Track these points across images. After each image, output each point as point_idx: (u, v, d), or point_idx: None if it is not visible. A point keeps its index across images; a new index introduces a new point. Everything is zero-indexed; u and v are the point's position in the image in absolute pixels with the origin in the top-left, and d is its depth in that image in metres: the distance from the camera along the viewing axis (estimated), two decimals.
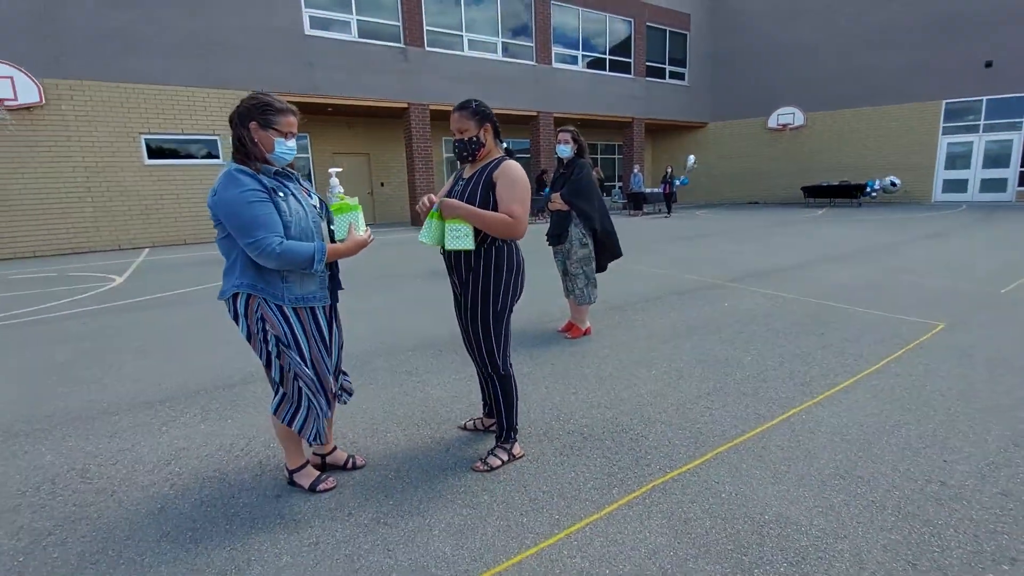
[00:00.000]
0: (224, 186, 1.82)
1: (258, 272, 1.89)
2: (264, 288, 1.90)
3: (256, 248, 1.80)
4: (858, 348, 3.78)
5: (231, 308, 1.95)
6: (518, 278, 2.22)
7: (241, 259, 1.89)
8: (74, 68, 10.46)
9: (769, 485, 2.12)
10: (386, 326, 4.71)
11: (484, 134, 2.16)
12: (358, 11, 13.37)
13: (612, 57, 18.72)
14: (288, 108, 1.92)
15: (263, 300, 1.91)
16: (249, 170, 1.86)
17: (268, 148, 1.90)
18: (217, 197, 1.83)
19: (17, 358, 4.10)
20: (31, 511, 2.13)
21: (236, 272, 1.91)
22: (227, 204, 1.80)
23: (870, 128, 18.53)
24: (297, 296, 1.96)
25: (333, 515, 2.01)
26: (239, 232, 1.81)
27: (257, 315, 1.92)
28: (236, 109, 1.89)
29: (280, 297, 1.92)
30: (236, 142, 1.89)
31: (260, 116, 1.86)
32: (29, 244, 10.52)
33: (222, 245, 1.94)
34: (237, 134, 1.88)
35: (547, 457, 2.39)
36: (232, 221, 1.81)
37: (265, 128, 1.87)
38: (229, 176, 1.83)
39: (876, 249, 8.32)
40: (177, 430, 2.80)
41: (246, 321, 1.93)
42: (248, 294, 1.90)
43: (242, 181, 1.82)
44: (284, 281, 1.93)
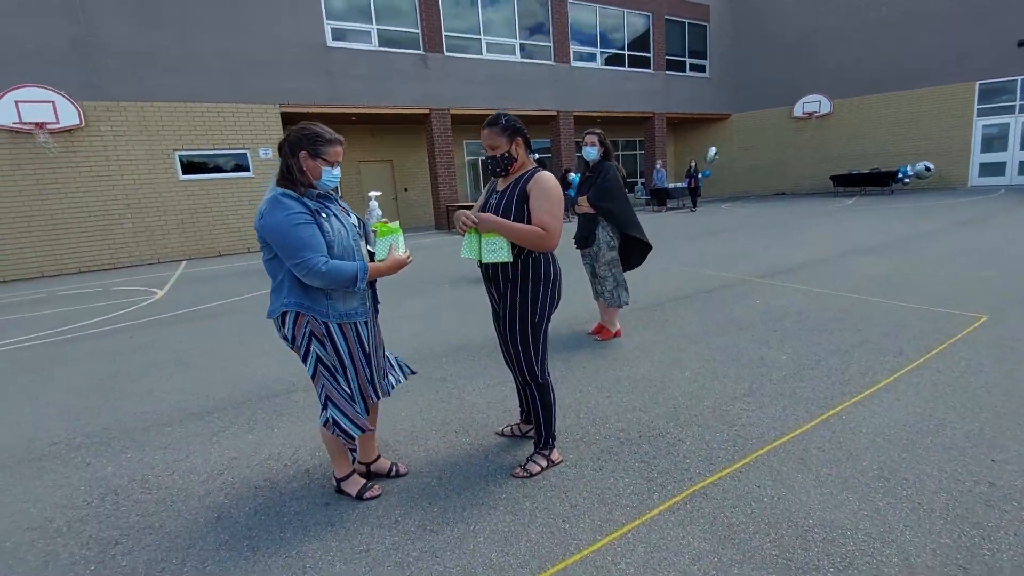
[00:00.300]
0: (270, 210, 1.91)
1: (304, 291, 1.99)
2: (310, 306, 1.99)
3: (302, 268, 1.88)
4: (897, 343, 3.70)
5: (280, 326, 2.04)
6: (555, 287, 2.25)
7: (288, 279, 1.98)
8: (111, 90, 10.90)
9: (812, 488, 2.11)
10: (417, 332, 4.80)
11: (516, 148, 2.19)
12: (378, 20, 13.58)
13: (631, 52, 18.57)
14: (336, 139, 2.02)
15: (312, 318, 1.99)
16: (294, 194, 1.95)
17: (316, 176, 1.99)
18: (264, 221, 1.91)
19: (72, 372, 4.32)
20: (97, 521, 2.26)
21: (284, 291, 2.00)
22: (274, 227, 1.89)
23: (900, 113, 17.96)
24: (341, 312, 2.04)
25: (381, 522, 2.09)
26: (286, 253, 1.90)
27: (306, 333, 2.01)
28: (287, 138, 1.98)
29: (325, 314, 2.01)
30: (284, 169, 1.97)
31: (311, 146, 1.96)
32: (74, 260, 11.00)
33: (269, 266, 2.03)
34: (287, 162, 1.97)
35: (585, 462, 2.42)
36: (279, 243, 1.90)
37: (315, 158, 1.97)
38: (275, 201, 1.92)
39: (911, 238, 8.08)
40: (227, 440, 2.93)
41: (294, 338, 2.03)
42: (297, 313, 1.99)
43: (287, 205, 1.90)
44: (328, 299, 2.02)
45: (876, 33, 17.88)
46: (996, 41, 15.85)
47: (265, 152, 12.53)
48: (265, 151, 12.53)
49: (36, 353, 4.96)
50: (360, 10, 13.37)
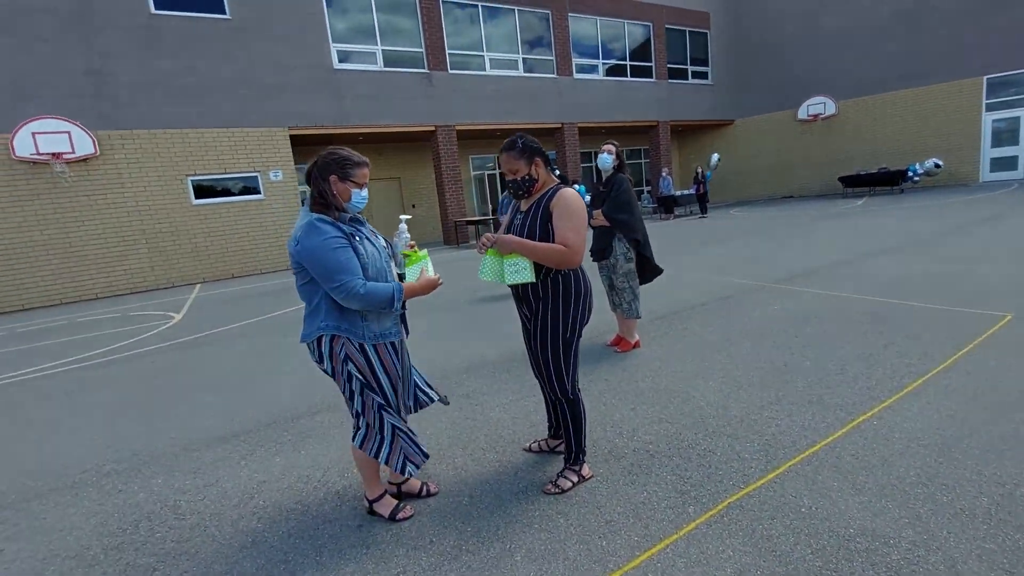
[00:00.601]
0: (307, 235, 1.93)
1: (341, 314, 2.02)
2: (348, 328, 2.02)
3: (342, 291, 1.91)
4: (922, 346, 3.66)
5: (315, 350, 2.07)
6: (585, 303, 2.25)
7: (325, 302, 2.01)
8: (124, 119, 11.14)
9: (850, 497, 2.09)
10: (435, 349, 4.81)
11: (535, 169, 2.21)
12: (382, 41, 13.80)
13: (632, 63, 18.71)
14: (364, 161, 2.06)
15: (347, 340, 2.02)
16: (329, 218, 1.98)
17: (346, 198, 2.04)
18: (300, 246, 1.94)
19: (97, 398, 4.37)
20: (134, 548, 2.27)
21: (320, 315, 2.02)
22: (311, 251, 1.92)
23: (906, 111, 17.89)
24: (376, 333, 2.08)
25: (416, 543, 2.08)
26: (324, 277, 1.92)
27: (342, 355, 2.04)
28: (315, 164, 2.03)
29: (361, 336, 2.04)
30: (317, 194, 2.01)
31: (340, 170, 2.00)
32: (92, 287, 11.17)
33: (304, 291, 2.06)
34: (319, 187, 2.01)
35: (616, 477, 2.40)
36: (317, 267, 1.92)
37: (344, 180, 2.01)
38: (311, 226, 1.94)
39: (926, 237, 8.01)
40: (255, 463, 2.94)
41: (331, 361, 2.05)
42: (332, 335, 2.01)
43: (324, 230, 1.93)
44: (364, 320, 2.05)
45: (879, 31, 17.89)
46: (1004, 33, 15.79)
47: (275, 175, 12.71)
48: (275, 173, 12.70)
49: (60, 381, 5.02)
50: (365, 31, 13.61)
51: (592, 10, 17.40)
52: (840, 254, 7.41)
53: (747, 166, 22.01)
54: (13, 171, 10.31)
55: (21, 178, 10.39)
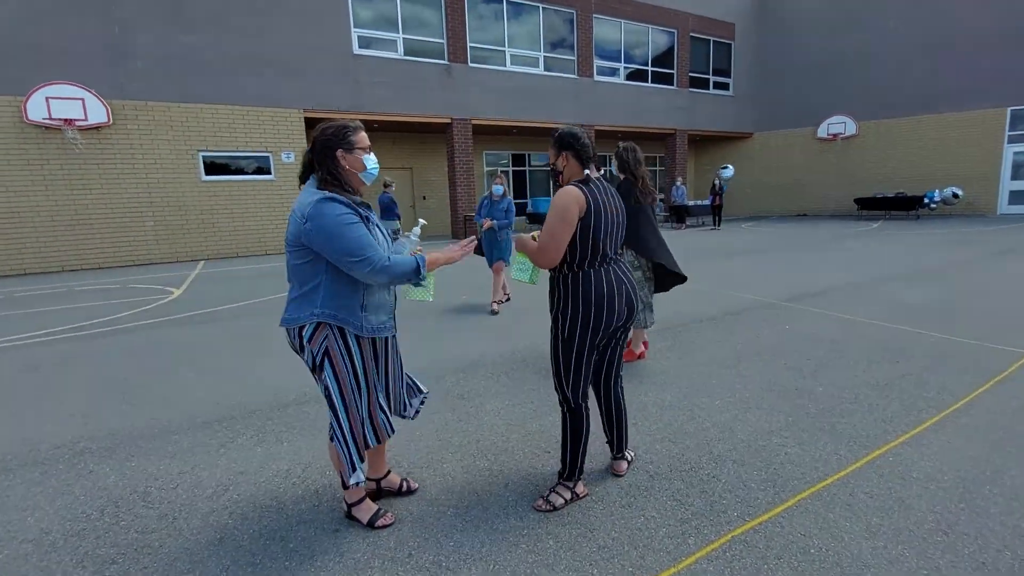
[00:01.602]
0: (319, 212, 1.78)
1: (340, 301, 1.87)
2: (345, 318, 1.88)
3: (367, 265, 1.79)
4: (940, 379, 3.49)
5: (295, 336, 1.92)
6: (594, 311, 2.08)
7: (326, 287, 1.86)
8: (139, 90, 11.06)
9: (863, 540, 1.93)
10: (436, 346, 4.67)
11: (562, 162, 2.17)
12: (404, 30, 13.67)
13: (654, 68, 18.50)
14: (358, 125, 1.95)
15: (330, 333, 1.88)
16: (341, 196, 1.85)
17: (359, 168, 1.92)
18: (312, 224, 1.78)
19: (84, 371, 4.26)
20: (95, 536, 2.14)
21: (317, 300, 1.86)
22: (327, 229, 1.77)
23: (928, 137, 17.60)
24: (373, 326, 1.95)
25: (393, 555, 1.94)
26: (344, 253, 1.78)
27: (323, 347, 1.89)
28: (314, 147, 1.89)
29: (359, 327, 1.91)
30: (327, 175, 1.88)
31: (342, 141, 1.88)
32: (96, 256, 11.11)
33: (299, 271, 1.89)
34: (327, 167, 1.88)
35: (612, 498, 2.25)
36: (334, 244, 1.78)
37: (351, 151, 1.89)
38: (324, 202, 1.79)
39: (943, 267, 7.80)
40: (234, 452, 2.81)
41: (311, 349, 1.91)
42: (318, 323, 1.87)
43: (337, 207, 1.81)
44: (363, 311, 1.92)
45: (906, 54, 17.60)
46: None
47: (287, 156, 12.61)
48: (287, 155, 12.60)
49: (50, 350, 4.92)
50: (387, 19, 13.48)
51: (618, 13, 17.20)
52: (854, 277, 7.22)
53: (762, 181, 21.75)
54: (25, 134, 10.25)
55: (32, 142, 10.33)
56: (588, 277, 2.09)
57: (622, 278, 2.16)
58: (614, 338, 2.26)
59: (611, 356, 2.31)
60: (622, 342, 2.31)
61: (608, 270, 2.13)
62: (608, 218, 2.10)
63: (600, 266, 2.11)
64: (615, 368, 2.34)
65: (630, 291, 2.17)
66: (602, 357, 2.31)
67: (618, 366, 2.35)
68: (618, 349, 2.31)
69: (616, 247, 2.18)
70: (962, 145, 16.98)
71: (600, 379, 2.35)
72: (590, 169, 2.18)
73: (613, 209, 2.14)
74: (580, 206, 2.04)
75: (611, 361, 2.32)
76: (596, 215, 2.06)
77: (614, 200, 2.18)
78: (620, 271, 2.18)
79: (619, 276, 2.15)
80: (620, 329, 2.21)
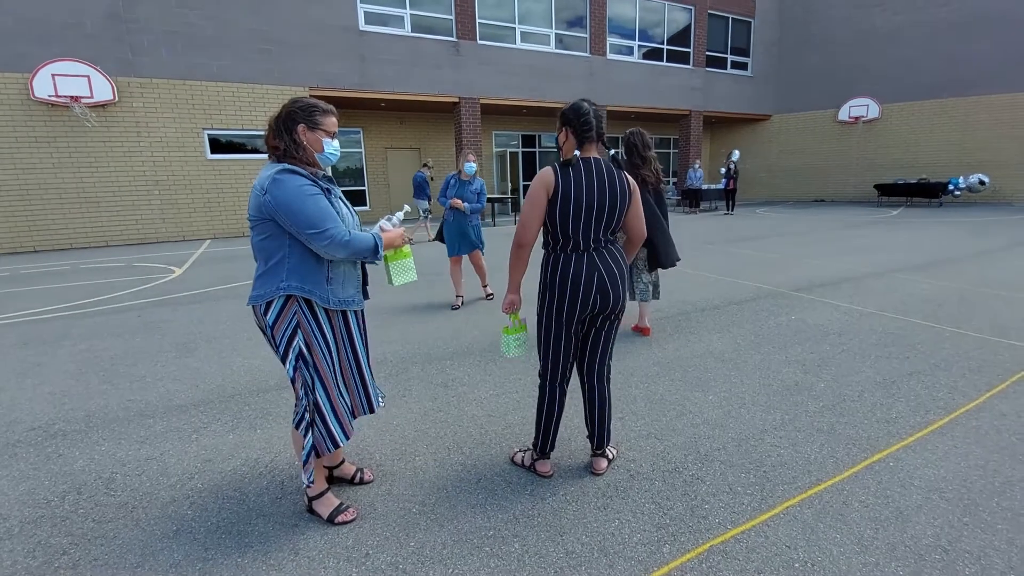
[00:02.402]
0: (278, 183, 1.73)
1: (305, 274, 1.82)
2: (311, 290, 1.83)
3: (327, 238, 1.74)
4: (951, 377, 3.30)
5: (263, 313, 1.84)
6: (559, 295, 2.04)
7: (290, 260, 1.81)
8: (145, 67, 10.96)
9: (854, 555, 1.78)
10: (422, 330, 4.56)
11: (562, 137, 2.07)
12: (411, 5, 13.35)
13: (670, 47, 17.92)
14: (330, 109, 1.89)
15: (299, 307, 1.82)
16: (301, 168, 1.80)
17: (317, 148, 1.86)
18: (270, 196, 1.74)
19: (74, 350, 4.23)
20: (51, 524, 2.08)
21: (281, 274, 1.81)
22: (286, 201, 1.72)
23: (954, 121, 16.88)
24: (340, 299, 1.91)
25: (349, 555, 1.84)
26: (305, 225, 1.73)
27: (292, 322, 1.83)
28: (279, 116, 1.84)
29: (326, 299, 1.85)
30: (284, 149, 1.82)
31: (307, 118, 1.83)
32: (103, 234, 11.15)
33: (262, 247, 1.84)
34: (285, 141, 1.82)
35: (588, 498, 2.13)
36: (295, 217, 1.73)
37: (313, 130, 1.84)
38: (281, 173, 1.75)
39: (964, 257, 7.48)
40: (206, 439, 2.74)
41: (274, 326, 1.83)
42: (285, 298, 1.81)
43: (297, 178, 1.76)
44: (329, 283, 1.86)
45: (933, 35, 16.81)
46: None
47: None
48: None
49: (45, 327, 4.90)
50: None
51: None
52: (869, 266, 6.94)
53: (779, 165, 21.15)
54: (31, 112, 10.23)
55: (39, 119, 10.31)
56: (559, 260, 2.03)
57: (598, 264, 2.02)
58: (594, 326, 2.13)
59: (594, 344, 2.18)
60: (608, 332, 2.17)
61: (584, 256, 2.02)
62: (582, 202, 1.95)
63: (573, 251, 2.01)
64: (599, 358, 2.21)
65: (606, 279, 2.03)
66: (585, 343, 2.19)
67: (602, 356, 2.21)
68: (602, 339, 2.18)
69: (594, 233, 2.02)
70: (989, 130, 16.27)
71: (583, 367, 2.24)
72: (587, 148, 2.02)
73: (595, 192, 1.97)
74: (548, 188, 1.92)
75: (594, 350, 2.19)
76: (565, 198, 1.92)
77: (606, 183, 2.00)
78: (602, 258, 2.04)
79: (596, 263, 2.03)
80: (600, 317, 2.10)
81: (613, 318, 2.15)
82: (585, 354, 2.22)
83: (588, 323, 2.14)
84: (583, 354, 2.22)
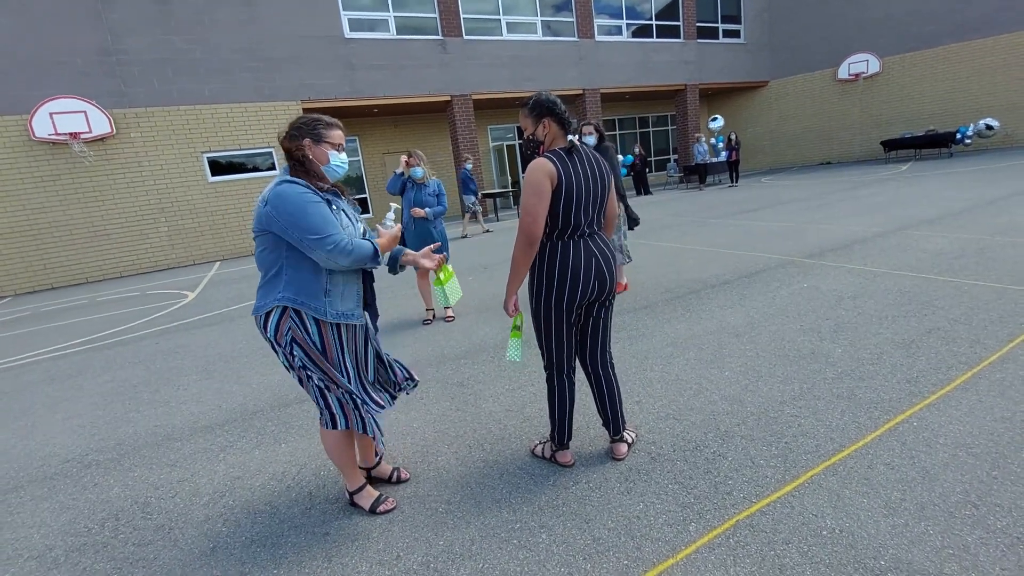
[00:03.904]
0: (279, 194, 1.77)
1: (301, 286, 1.85)
2: (305, 303, 1.85)
3: (329, 244, 1.76)
4: (972, 331, 3.25)
5: (263, 325, 1.89)
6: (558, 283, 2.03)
7: (287, 272, 1.85)
8: (139, 97, 11.08)
9: (881, 518, 1.78)
10: (431, 331, 4.59)
11: (542, 131, 2.03)
12: (395, 8, 13.32)
13: (659, 22, 17.69)
14: (335, 122, 1.95)
15: (295, 321, 1.85)
16: (303, 180, 1.84)
17: (323, 161, 1.91)
18: (271, 207, 1.77)
19: (96, 381, 4.32)
20: (94, 551, 2.14)
21: (279, 286, 1.85)
22: (288, 211, 1.75)
23: (960, 68, 16.46)
24: (339, 312, 1.92)
25: (381, 558, 1.88)
26: (306, 233, 1.75)
27: (288, 334, 1.86)
28: (287, 132, 1.90)
29: (323, 312, 1.87)
30: (293, 162, 1.88)
31: (312, 132, 1.89)
32: (115, 266, 11.35)
33: (264, 259, 1.88)
34: (293, 156, 1.88)
35: (610, 484, 2.14)
36: (297, 225, 1.75)
37: (318, 143, 1.89)
38: (282, 184, 1.80)
39: (978, 207, 7.32)
40: (233, 456, 2.79)
41: (275, 338, 1.88)
42: (282, 309, 1.85)
43: (297, 187, 1.80)
44: (326, 296, 1.88)
45: None
46: None
47: None
48: None
49: (68, 362, 5.02)
50: None
51: None
52: (880, 225, 6.84)
53: (781, 130, 20.84)
54: (33, 152, 10.41)
55: (42, 159, 10.50)
56: (557, 249, 2.02)
57: (594, 251, 2.05)
58: (592, 313, 2.15)
59: (593, 332, 2.20)
60: (604, 318, 2.19)
61: (582, 242, 2.04)
62: (582, 189, 1.97)
63: (571, 238, 2.02)
64: (600, 344, 2.22)
65: (602, 264, 2.06)
66: (583, 332, 2.21)
67: (603, 342, 2.23)
68: (600, 325, 2.19)
69: (593, 218, 2.04)
70: (999, 73, 15.83)
71: (586, 355, 2.25)
72: (572, 134, 2.03)
73: (591, 179, 1.99)
74: (552, 178, 1.92)
75: (594, 337, 2.21)
76: (568, 187, 1.93)
77: (595, 168, 2.02)
78: (596, 244, 2.06)
79: (592, 249, 2.05)
80: (597, 304, 2.13)
81: (608, 304, 2.18)
82: (586, 343, 2.23)
83: (584, 311, 2.16)
84: (583, 344, 2.23)
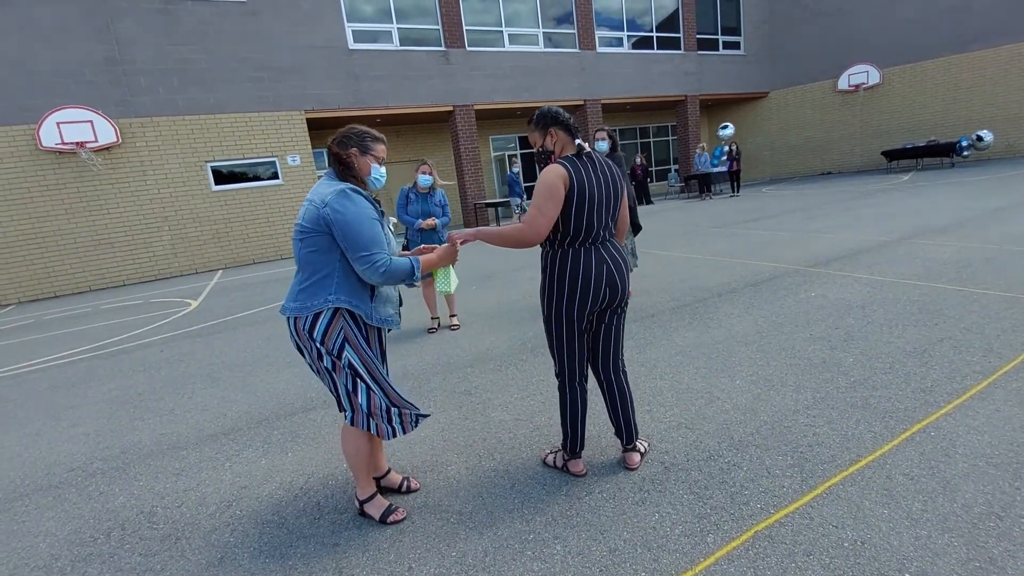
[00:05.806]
0: (343, 202, 1.83)
1: (353, 289, 1.90)
2: (358, 304, 1.91)
3: (368, 262, 1.83)
4: (984, 340, 3.22)
5: (307, 325, 1.88)
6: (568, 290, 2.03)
7: (339, 274, 1.89)
8: (144, 106, 11.15)
9: (904, 530, 1.75)
10: (440, 339, 4.57)
11: (550, 140, 2.07)
12: (398, 19, 13.44)
13: (660, 34, 17.83)
14: (381, 137, 2.04)
15: (348, 322, 1.90)
16: (363, 191, 1.93)
17: (366, 172, 2.00)
18: (331, 210, 1.82)
19: (102, 390, 4.30)
20: (100, 562, 2.11)
21: (331, 287, 1.88)
22: (348, 220, 1.82)
23: (959, 79, 16.54)
24: (381, 317, 1.99)
25: (392, 570, 1.85)
26: (356, 246, 1.82)
27: (340, 335, 1.89)
28: (336, 138, 1.98)
29: (369, 315, 1.95)
30: (343, 167, 1.96)
31: (360, 143, 1.97)
32: (119, 274, 11.35)
33: (311, 259, 1.89)
34: (342, 160, 1.96)
35: (625, 494, 2.11)
36: (350, 235, 1.82)
37: (364, 154, 1.98)
38: (346, 193, 1.85)
39: (982, 216, 7.32)
40: (239, 466, 2.76)
41: (323, 339, 1.88)
42: (333, 311, 1.87)
43: (360, 200, 1.87)
44: (373, 300, 1.95)
45: None
46: None
47: (293, 160, 12.60)
48: (293, 158, 12.60)
49: (73, 370, 4.99)
50: (381, 10, 13.26)
51: None
52: (885, 235, 6.83)
53: (782, 141, 20.92)
54: (40, 161, 10.46)
55: (48, 168, 10.54)
56: (568, 256, 2.02)
57: (605, 258, 2.04)
58: (603, 321, 2.14)
59: (605, 339, 2.18)
60: (617, 326, 2.17)
61: (593, 249, 2.03)
62: (595, 193, 1.97)
63: (582, 245, 2.02)
64: (612, 352, 2.21)
65: (614, 271, 2.05)
66: (596, 338, 2.19)
67: (616, 349, 2.21)
68: (612, 333, 2.17)
69: (606, 223, 2.04)
70: (999, 84, 15.91)
71: (598, 363, 2.23)
72: (580, 140, 2.05)
73: (603, 185, 1.99)
74: (564, 181, 1.93)
75: (606, 344, 2.19)
76: (580, 192, 1.94)
77: (607, 175, 2.02)
78: (608, 250, 2.06)
79: (604, 256, 2.04)
80: (609, 311, 2.12)
81: (620, 311, 2.17)
82: (598, 351, 2.21)
83: (596, 318, 2.16)
84: (595, 351, 2.22)
